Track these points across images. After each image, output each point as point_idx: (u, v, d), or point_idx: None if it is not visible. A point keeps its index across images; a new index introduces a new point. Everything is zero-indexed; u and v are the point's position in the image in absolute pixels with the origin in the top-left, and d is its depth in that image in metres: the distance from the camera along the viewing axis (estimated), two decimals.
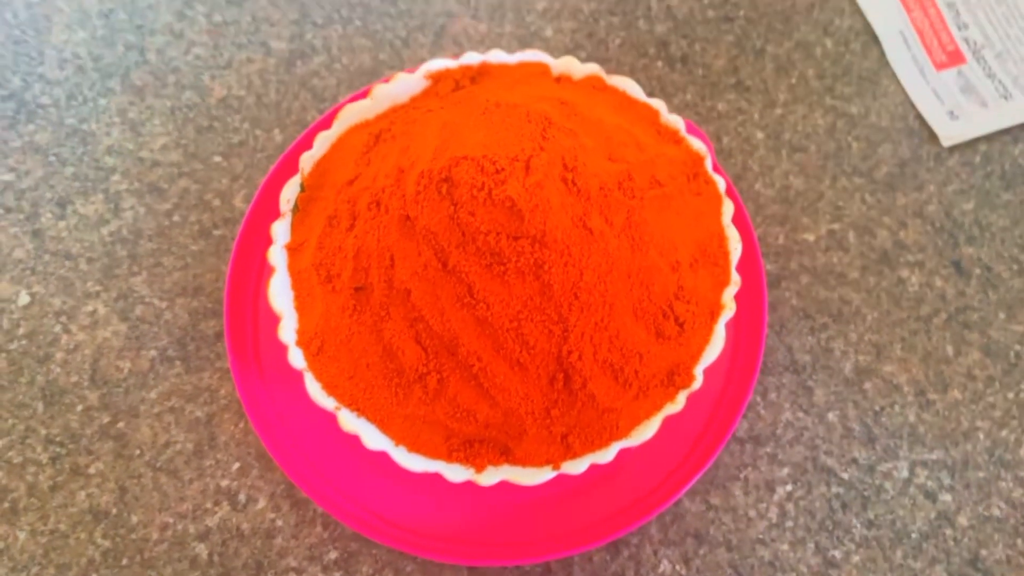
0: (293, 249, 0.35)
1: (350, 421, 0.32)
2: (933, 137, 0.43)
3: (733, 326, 0.38)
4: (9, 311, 0.40)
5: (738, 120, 0.43)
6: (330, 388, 0.32)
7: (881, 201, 0.42)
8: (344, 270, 0.32)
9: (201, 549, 0.35)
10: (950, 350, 0.39)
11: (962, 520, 0.36)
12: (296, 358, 0.33)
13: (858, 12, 0.46)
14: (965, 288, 0.40)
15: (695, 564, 0.35)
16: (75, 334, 0.39)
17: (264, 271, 0.39)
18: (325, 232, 0.34)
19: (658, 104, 0.36)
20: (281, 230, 0.35)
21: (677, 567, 0.35)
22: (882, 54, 0.45)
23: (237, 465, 0.37)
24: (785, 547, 0.35)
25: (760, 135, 0.43)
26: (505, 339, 0.30)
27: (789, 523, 0.36)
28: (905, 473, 0.37)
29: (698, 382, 0.32)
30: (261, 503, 0.36)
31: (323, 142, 0.36)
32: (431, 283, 0.29)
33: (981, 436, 0.37)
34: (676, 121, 0.36)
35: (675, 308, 0.32)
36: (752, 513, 0.36)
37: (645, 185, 0.32)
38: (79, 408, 0.38)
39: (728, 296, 0.33)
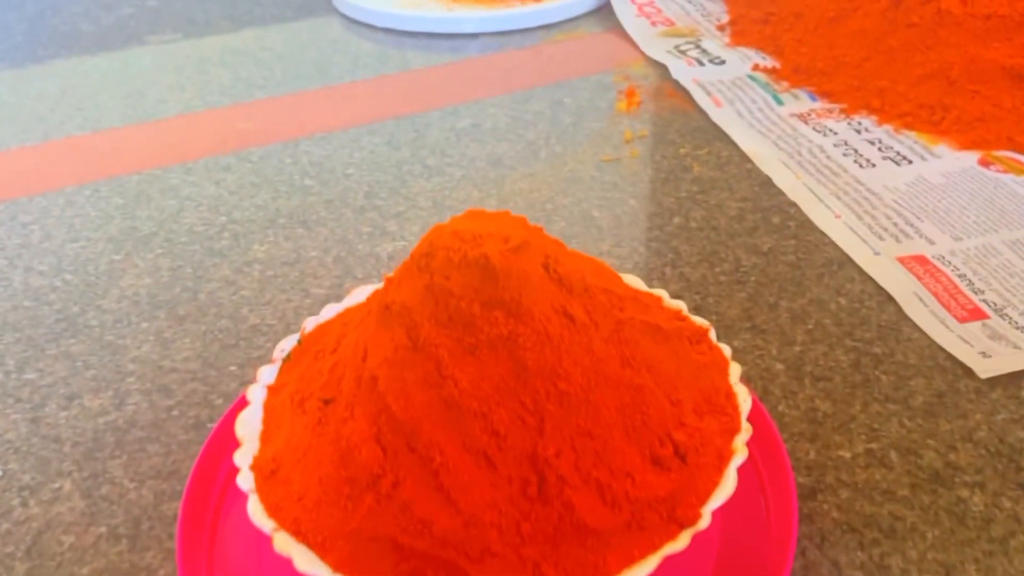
0: (274, 389, 0.33)
1: (285, 544, 0.27)
2: (969, 373, 0.40)
3: (757, 534, 0.32)
4: None
5: (755, 355, 0.42)
6: (273, 511, 0.28)
7: (922, 425, 0.38)
8: (316, 387, 0.31)
9: None
10: None
11: None
12: (245, 480, 0.29)
13: (869, 279, 0.47)
14: None
15: None
16: (31, 508, 0.36)
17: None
18: (309, 365, 0.33)
19: (660, 292, 0.37)
20: (267, 372, 0.34)
21: None
22: (899, 309, 0.45)
23: None
24: None
25: (780, 366, 0.42)
26: (473, 426, 0.26)
27: None
28: None
29: (705, 520, 0.27)
30: None
31: (329, 311, 0.37)
32: (400, 365, 0.27)
33: None
34: (679, 304, 0.36)
35: (675, 438, 0.28)
36: None
37: (638, 314, 0.31)
38: None
39: (739, 442, 0.29)
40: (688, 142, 0.63)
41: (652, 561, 0.26)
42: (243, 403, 0.37)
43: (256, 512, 0.28)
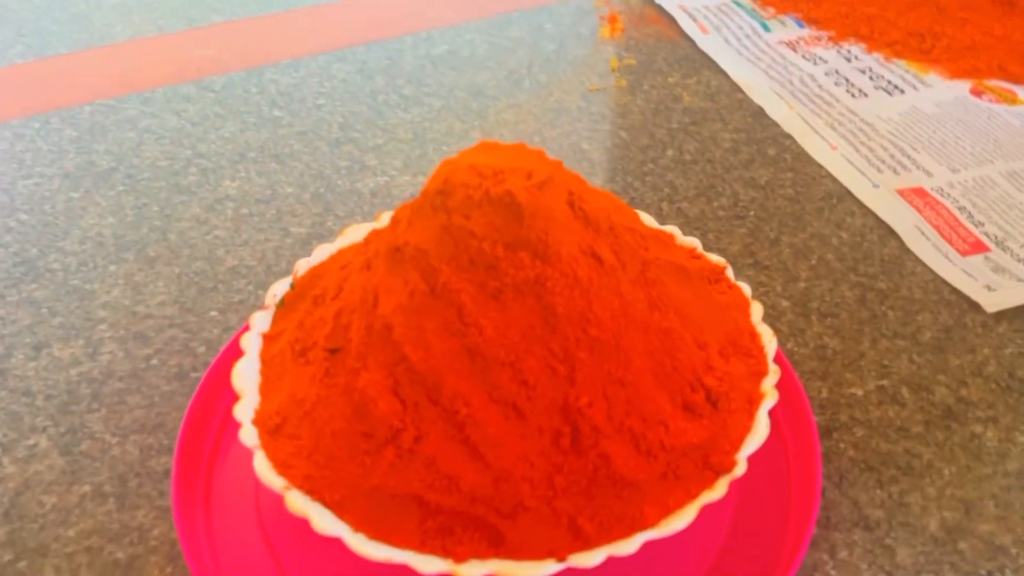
0: (270, 337, 0.31)
1: (299, 502, 0.25)
2: (975, 306, 0.40)
3: (784, 472, 0.31)
4: None
5: (760, 291, 0.41)
6: (282, 468, 0.26)
7: (931, 361, 0.37)
8: (320, 336, 0.28)
9: None
10: None
11: None
12: (248, 435, 0.27)
13: (869, 213, 0.46)
14: None
15: None
16: (6, 467, 0.34)
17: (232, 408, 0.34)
18: (308, 311, 0.30)
19: (673, 229, 0.35)
20: (260, 319, 0.32)
21: None
22: (902, 243, 0.44)
23: None
24: None
25: (786, 303, 0.41)
26: (500, 375, 0.25)
27: None
28: None
29: (741, 467, 0.26)
30: None
31: (321, 252, 0.35)
32: (416, 312, 0.25)
33: None
34: (692, 241, 0.34)
35: (705, 383, 0.27)
36: None
37: (662, 253, 0.30)
38: None
39: (768, 385, 0.28)
40: (676, 71, 0.61)
41: (690, 511, 0.25)
42: (234, 351, 0.34)
43: (264, 470, 0.26)
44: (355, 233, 0.35)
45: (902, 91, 0.57)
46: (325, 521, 0.25)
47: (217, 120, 0.56)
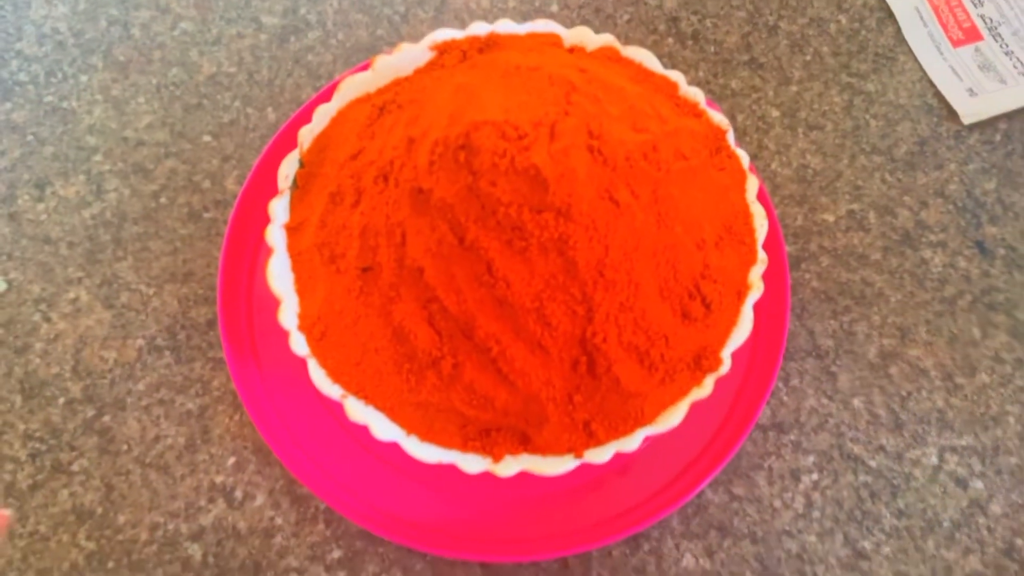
0: (292, 228, 0.33)
1: (358, 410, 0.30)
2: (952, 115, 0.42)
3: (755, 309, 0.36)
4: None
5: (752, 98, 0.42)
6: (335, 375, 0.30)
7: (901, 180, 0.40)
8: (349, 249, 0.30)
9: (195, 550, 0.33)
10: (976, 332, 0.37)
11: (995, 508, 0.34)
12: (298, 344, 0.30)
13: None
14: (990, 269, 0.39)
15: (719, 557, 0.33)
16: (56, 323, 0.37)
17: (259, 256, 0.37)
18: (327, 210, 0.32)
19: (676, 76, 0.35)
20: (279, 208, 0.33)
21: (700, 561, 0.33)
22: (898, 30, 0.43)
23: (232, 460, 0.35)
24: (813, 538, 0.34)
25: (775, 113, 0.42)
26: (526, 320, 0.28)
27: (816, 513, 0.34)
28: (934, 460, 0.35)
29: (726, 366, 0.30)
30: (259, 500, 0.34)
31: (322, 116, 0.34)
32: (446, 260, 0.28)
33: (1012, 420, 0.36)
34: (696, 93, 0.34)
35: (702, 288, 0.31)
36: (777, 503, 0.34)
37: (670, 158, 0.31)
38: (61, 401, 0.36)
39: (755, 275, 0.32)
40: None
41: (682, 407, 0.30)
42: (243, 210, 0.36)
43: (320, 379, 0.30)
44: (349, 89, 0.34)
45: None
46: (383, 427, 0.30)
47: None
